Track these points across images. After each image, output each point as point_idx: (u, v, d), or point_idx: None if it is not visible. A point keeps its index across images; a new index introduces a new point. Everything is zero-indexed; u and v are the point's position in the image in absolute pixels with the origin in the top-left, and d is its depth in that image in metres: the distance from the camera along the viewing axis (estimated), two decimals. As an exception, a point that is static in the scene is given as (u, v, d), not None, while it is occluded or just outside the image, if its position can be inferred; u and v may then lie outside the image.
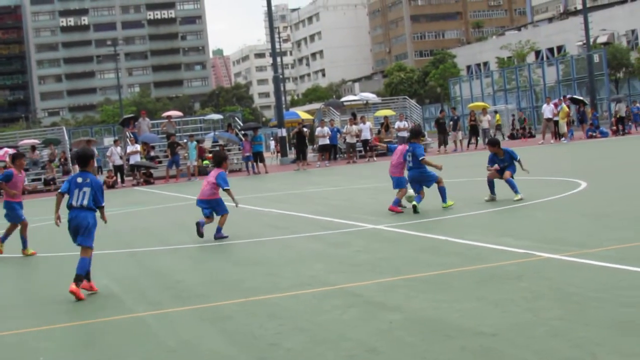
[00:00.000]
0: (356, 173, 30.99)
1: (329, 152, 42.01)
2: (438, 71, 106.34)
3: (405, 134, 42.56)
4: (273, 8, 49.98)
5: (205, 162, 41.88)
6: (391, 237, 12.06)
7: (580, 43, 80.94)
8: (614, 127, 45.03)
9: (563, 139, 41.60)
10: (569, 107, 43.39)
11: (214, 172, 13.82)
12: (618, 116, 45.32)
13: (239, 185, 29.23)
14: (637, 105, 48.60)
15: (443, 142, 43.14)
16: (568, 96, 48.33)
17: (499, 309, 7.01)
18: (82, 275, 9.38)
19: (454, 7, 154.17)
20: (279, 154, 49.47)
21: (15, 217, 13.95)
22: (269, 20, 49.61)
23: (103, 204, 9.81)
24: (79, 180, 9.70)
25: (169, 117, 44.15)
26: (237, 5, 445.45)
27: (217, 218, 13.69)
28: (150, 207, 22.91)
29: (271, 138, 70.00)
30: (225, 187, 13.45)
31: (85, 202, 9.59)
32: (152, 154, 40.30)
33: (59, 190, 9.93)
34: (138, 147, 38.32)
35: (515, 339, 6.07)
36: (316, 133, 41.22)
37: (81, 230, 9.56)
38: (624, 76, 79.80)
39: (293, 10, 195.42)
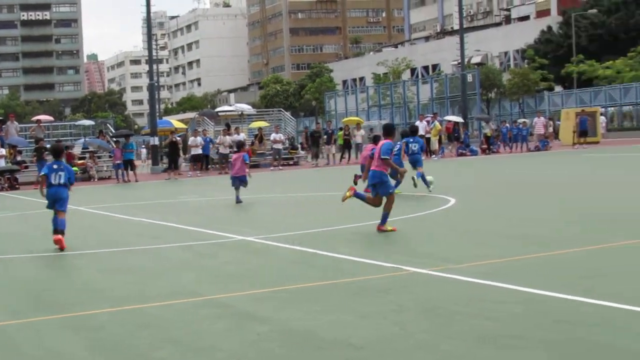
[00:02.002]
0: (227, 184, 30.86)
1: (201, 162, 41.76)
2: (314, 85, 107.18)
3: (280, 146, 42.85)
4: (151, 15, 49.28)
5: (75, 168, 40.98)
6: (261, 249, 12.13)
7: (455, 62, 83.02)
8: (484, 146, 46.45)
9: (434, 155, 42.62)
10: (441, 124, 44.51)
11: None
12: (487, 135, 46.80)
13: (108, 193, 28.75)
14: (507, 125, 50.23)
15: (315, 155, 43.69)
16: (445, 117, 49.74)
17: (367, 321, 7.15)
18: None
19: (334, 22, 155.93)
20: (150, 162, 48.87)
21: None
22: (148, 26, 49.04)
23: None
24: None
25: (38, 121, 43.04)
26: (114, 10, 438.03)
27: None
28: (16, 212, 22.29)
29: (143, 146, 69.07)
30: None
31: None
32: (19, 158, 39.18)
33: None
34: (3, 151, 37.19)
35: (383, 351, 6.21)
36: (189, 143, 40.90)
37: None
38: (495, 96, 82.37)
39: (172, 17, 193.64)
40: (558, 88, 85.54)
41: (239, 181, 19.91)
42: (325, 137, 44.80)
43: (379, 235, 12.95)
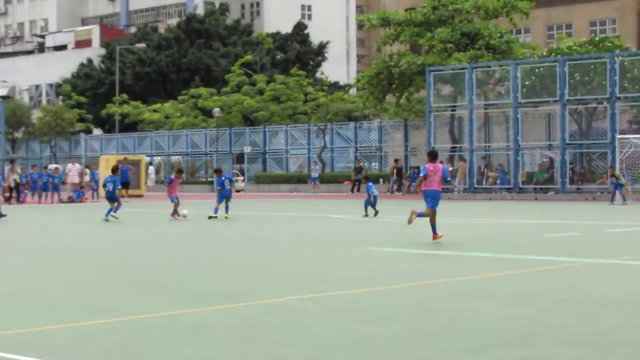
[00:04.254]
0: None
1: None
2: None
3: None
4: None
5: None
6: None
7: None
8: (7, 194, 44.94)
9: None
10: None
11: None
12: (16, 181, 45.20)
13: None
14: (37, 171, 49.24)
15: None
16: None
17: None
18: None
19: None
20: None
21: None
22: None
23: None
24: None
25: None
26: None
27: None
28: None
29: None
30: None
31: None
32: None
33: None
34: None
35: None
36: None
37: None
38: (23, 136, 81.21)
39: None
40: (97, 131, 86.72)
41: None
42: None
43: None
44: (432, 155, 19.61)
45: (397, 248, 18.68)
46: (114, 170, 30.26)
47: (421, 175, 18.96)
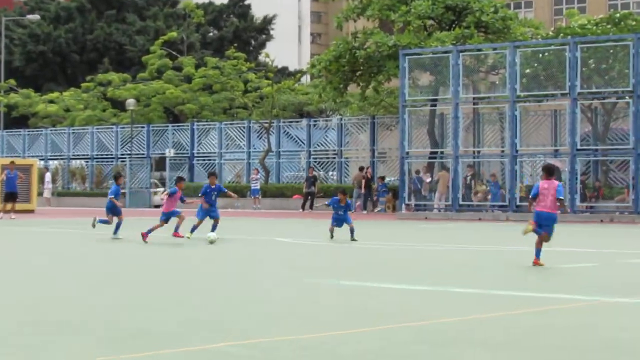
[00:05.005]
0: None
1: None
2: None
3: None
4: None
5: None
6: None
7: None
8: None
9: None
10: None
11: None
12: None
13: None
14: None
15: None
16: None
17: None
18: None
19: None
20: None
21: None
22: None
23: None
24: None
25: None
26: None
27: None
28: None
29: None
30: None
31: None
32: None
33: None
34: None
35: None
36: None
37: None
38: None
39: None
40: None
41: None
42: None
43: None
44: (548, 171, 21.59)
45: (361, 281, 18.71)
46: (117, 177, 31.58)
47: (531, 195, 21.69)
